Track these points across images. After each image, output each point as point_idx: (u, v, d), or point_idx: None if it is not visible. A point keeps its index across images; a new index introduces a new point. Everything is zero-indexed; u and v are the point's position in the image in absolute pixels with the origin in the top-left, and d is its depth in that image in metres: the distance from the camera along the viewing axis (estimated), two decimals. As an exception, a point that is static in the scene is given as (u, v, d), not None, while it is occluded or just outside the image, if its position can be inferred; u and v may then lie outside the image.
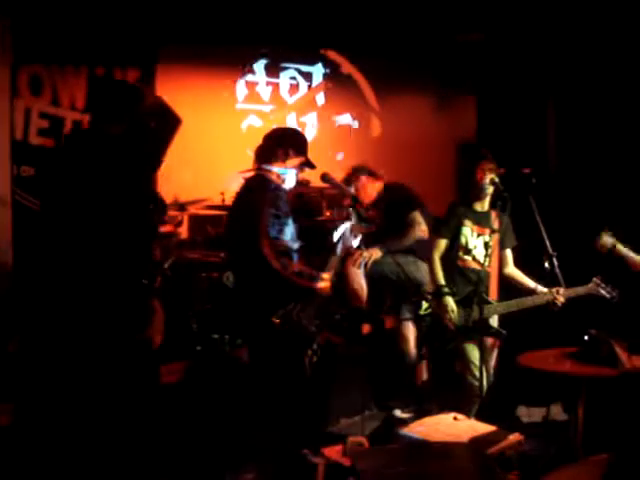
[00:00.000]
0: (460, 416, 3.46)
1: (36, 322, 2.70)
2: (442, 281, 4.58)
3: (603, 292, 4.62)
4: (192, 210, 5.76)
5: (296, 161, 4.21)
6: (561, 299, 4.50)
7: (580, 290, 4.60)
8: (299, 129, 4.51)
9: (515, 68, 7.47)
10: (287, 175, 4.20)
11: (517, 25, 6.97)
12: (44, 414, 2.58)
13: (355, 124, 7.77)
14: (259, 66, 7.36)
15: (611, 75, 6.66)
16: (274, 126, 5.46)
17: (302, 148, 4.27)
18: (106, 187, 2.69)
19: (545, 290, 4.57)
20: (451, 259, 4.65)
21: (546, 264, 4.48)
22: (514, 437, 3.22)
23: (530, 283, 4.68)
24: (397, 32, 7.14)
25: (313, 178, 5.13)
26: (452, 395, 4.53)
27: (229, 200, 6.27)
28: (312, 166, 4.27)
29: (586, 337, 4.10)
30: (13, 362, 4.17)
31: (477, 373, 4.48)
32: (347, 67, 7.74)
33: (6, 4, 5.92)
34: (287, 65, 7.50)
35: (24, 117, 6.34)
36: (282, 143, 4.25)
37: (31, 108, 6.36)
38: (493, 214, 4.70)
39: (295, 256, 4.08)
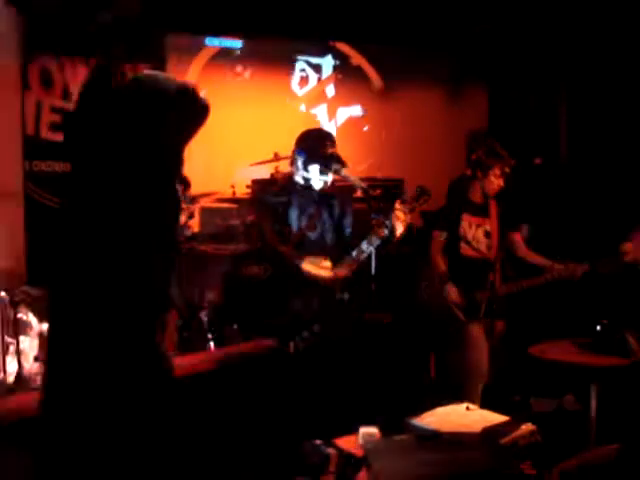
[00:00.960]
0: (472, 406, 3.45)
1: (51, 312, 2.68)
2: (444, 269, 4.60)
3: (604, 268, 4.55)
4: (203, 203, 5.77)
5: (309, 165, 4.20)
6: (579, 270, 4.46)
7: (581, 267, 4.53)
8: (321, 130, 4.44)
9: (527, 58, 7.45)
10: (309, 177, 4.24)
11: (529, 14, 6.94)
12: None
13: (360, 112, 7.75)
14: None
15: (623, 65, 6.63)
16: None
17: (311, 155, 4.23)
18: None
19: (560, 266, 4.53)
20: (452, 250, 4.66)
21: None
22: (527, 427, 3.21)
23: (545, 262, 4.65)
24: (406, 22, 7.12)
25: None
26: (459, 384, 4.53)
27: (240, 193, 6.31)
28: (328, 169, 4.22)
29: (598, 327, 4.10)
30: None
31: (481, 357, 4.50)
32: (357, 59, 7.73)
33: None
34: (297, 57, 7.50)
35: (35, 111, 6.36)
36: (295, 149, 4.29)
37: (42, 102, 6.39)
38: (492, 203, 4.70)
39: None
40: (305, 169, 4.19)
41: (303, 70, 7.55)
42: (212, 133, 7.05)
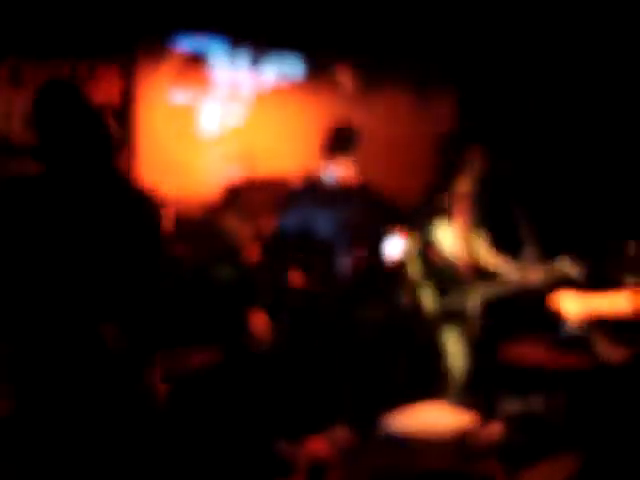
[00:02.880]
0: (442, 406, 3.49)
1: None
2: (418, 273, 4.62)
3: (569, 271, 4.60)
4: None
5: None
6: (535, 278, 4.51)
7: (548, 270, 4.58)
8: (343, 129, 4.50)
9: (497, 59, 7.50)
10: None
11: (497, 15, 7.00)
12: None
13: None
14: (242, 60, 7.36)
15: (594, 68, 6.71)
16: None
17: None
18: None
19: (517, 272, 4.58)
20: (424, 253, 4.69)
21: (527, 254, 4.53)
22: (496, 427, 3.25)
23: (503, 266, 4.69)
24: (376, 27, 7.16)
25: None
26: (432, 385, 4.56)
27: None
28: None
29: (565, 327, 4.15)
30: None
31: (456, 360, 4.54)
32: (328, 62, 7.74)
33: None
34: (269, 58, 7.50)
35: (6, 112, 6.31)
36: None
37: (12, 103, 6.34)
38: (462, 206, 4.73)
39: None
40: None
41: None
42: (188, 135, 7.14)
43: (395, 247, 4.15)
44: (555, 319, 4.11)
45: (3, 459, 2.48)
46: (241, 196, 6.05)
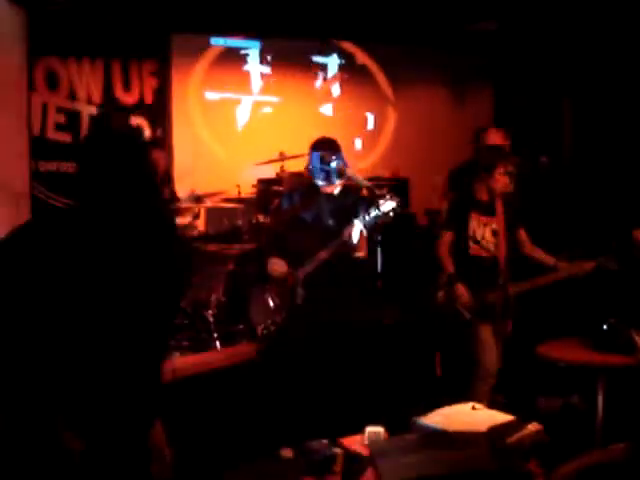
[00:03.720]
0: (478, 405, 3.44)
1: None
2: (452, 270, 4.58)
3: (610, 265, 4.54)
4: (209, 203, 5.78)
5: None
6: (588, 266, 4.45)
7: (588, 265, 4.53)
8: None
9: (532, 56, 7.44)
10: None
11: (534, 13, 6.92)
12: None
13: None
14: (274, 58, 7.38)
15: (628, 64, 6.62)
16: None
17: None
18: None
19: (566, 265, 4.53)
20: (460, 250, 4.64)
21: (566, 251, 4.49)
22: (533, 427, 3.20)
23: (551, 260, 4.64)
24: (412, 21, 7.12)
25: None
26: (466, 383, 4.52)
27: (245, 193, 6.33)
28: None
29: (604, 326, 4.09)
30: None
31: (491, 357, 4.49)
32: (362, 58, 7.73)
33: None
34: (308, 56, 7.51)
35: (41, 112, 6.39)
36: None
37: (48, 103, 6.42)
38: (498, 201, 4.68)
39: None
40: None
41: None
42: (220, 132, 7.18)
43: (387, 203, 4.17)
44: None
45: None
46: (273, 191, 6.07)
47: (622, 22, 6.50)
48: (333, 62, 7.63)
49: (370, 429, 3.13)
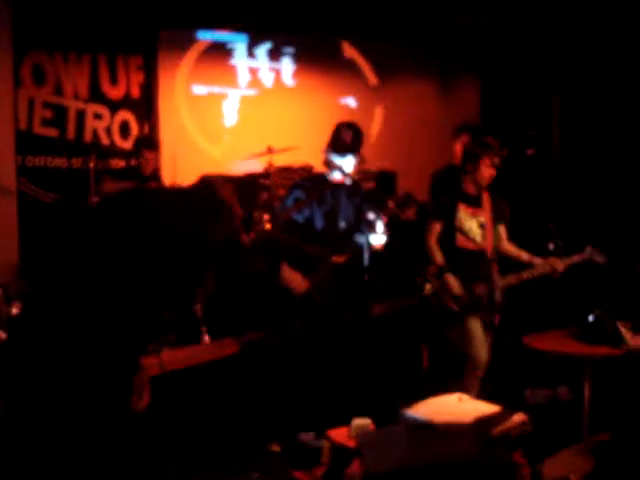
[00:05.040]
0: (464, 397, 3.46)
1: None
2: (441, 261, 4.59)
3: (597, 258, 4.58)
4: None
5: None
6: (559, 266, 4.48)
7: (575, 258, 4.57)
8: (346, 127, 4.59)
9: (518, 49, 7.45)
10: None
11: (521, 5, 6.94)
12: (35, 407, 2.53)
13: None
14: (261, 52, 7.37)
15: (616, 57, 6.63)
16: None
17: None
18: None
19: (540, 261, 4.56)
20: (447, 241, 4.65)
21: (550, 245, 4.50)
22: (519, 417, 3.22)
23: (526, 256, 4.67)
24: (398, 14, 7.12)
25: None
26: (454, 375, 4.54)
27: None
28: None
29: (590, 317, 4.11)
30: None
31: (480, 349, 4.50)
32: (349, 51, 7.72)
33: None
34: (289, 50, 7.49)
35: (28, 107, 6.36)
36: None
37: (34, 98, 6.39)
38: (484, 194, 4.69)
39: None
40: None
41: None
42: (208, 126, 7.16)
43: (379, 236, 4.21)
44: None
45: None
46: (262, 186, 6.07)
47: (611, 15, 6.51)
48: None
49: (357, 421, 3.14)
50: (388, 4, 6.90)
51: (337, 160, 4.42)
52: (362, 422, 3.15)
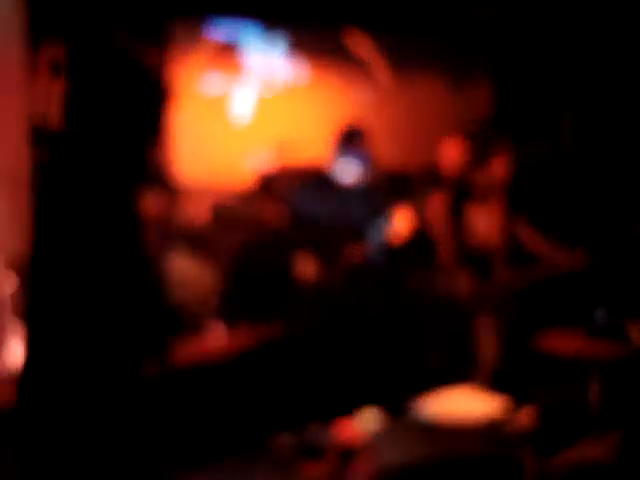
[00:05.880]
0: (473, 391, 3.48)
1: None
2: (452, 258, 4.61)
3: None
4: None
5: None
6: (578, 257, 4.50)
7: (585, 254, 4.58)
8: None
9: (532, 47, 7.43)
10: None
11: (534, 4, 6.93)
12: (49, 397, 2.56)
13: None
14: (275, 49, 7.37)
15: (630, 58, 6.63)
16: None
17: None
18: None
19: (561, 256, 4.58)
20: (458, 238, 4.67)
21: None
22: (527, 414, 3.24)
23: (545, 251, 4.67)
24: (410, 9, 7.12)
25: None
26: (464, 370, 4.55)
27: (244, 183, 6.34)
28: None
29: (599, 316, 4.12)
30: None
31: (489, 345, 4.53)
32: (362, 49, 7.72)
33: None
34: (302, 47, 7.49)
35: (45, 100, 6.38)
36: None
37: (51, 91, 6.41)
38: (497, 192, 4.71)
39: None
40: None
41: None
42: (219, 122, 7.18)
43: (399, 225, 4.22)
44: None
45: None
46: (274, 184, 6.08)
47: (625, 15, 6.51)
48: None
49: (365, 414, 3.17)
50: (401, 2, 6.91)
51: (342, 161, 4.45)
52: (370, 415, 3.18)
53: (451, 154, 5.17)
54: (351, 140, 4.43)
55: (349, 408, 3.25)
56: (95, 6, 6.25)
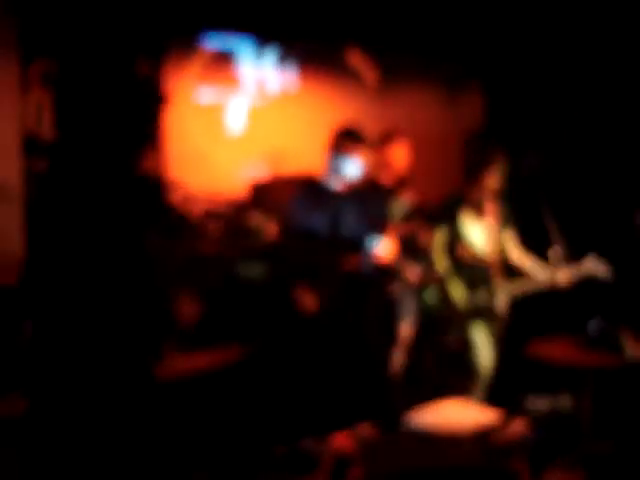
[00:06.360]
0: (466, 402, 3.48)
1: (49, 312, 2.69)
2: (446, 267, 4.61)
3: (596, 270, 4.60)
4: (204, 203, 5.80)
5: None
6: (565, 276, 4.51)
7: (576, 269, 4.58)
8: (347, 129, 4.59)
9: (524, 58, 7.46)
10: None
11: (527, 15, 6.96)
12: (58, 405, 2.58)
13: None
14: (268, 59, 7.39)
15: (625, 67, 6.65)
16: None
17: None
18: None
19: (546, 271, 4.59)
20: (452, 248, 4.68)
21: (552, 253, 4.52)
22: (520, 424, 3.23)
23: (531, 265, 4.70)
24: (402, 22, 7.15)
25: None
26: (458, 381, 4.55)
27: (238, 194, 6.34)
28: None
29: (593, 325, 4.12)
30: (24, 352, 4.24)
31: (484, 356, 4.52)
32: (354, 59, 7.73)
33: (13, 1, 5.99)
34: (295, 57, 7.51)
35: (36, 112, 6.39)
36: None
37: (42, 102, 6.42)
38: (490, 201, 4.72)
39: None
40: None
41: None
42: (214, 132, 7.19)
43: (383, 248, 4.19)
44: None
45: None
46: (267, 194, 6.09)
47: (617, 24, 6.53)
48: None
49: (359, 427, 3.16)
50: (396, 12, 6.93)
51: (338, 166, 4.41)
52: (364, 428, 3.17)
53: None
54: (348, 139, 4.38)
55: (343, 421, 3.24)
56: (86, 22, 6.29)
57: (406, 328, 5.29)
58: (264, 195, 6.15)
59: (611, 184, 6.53)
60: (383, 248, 4.23)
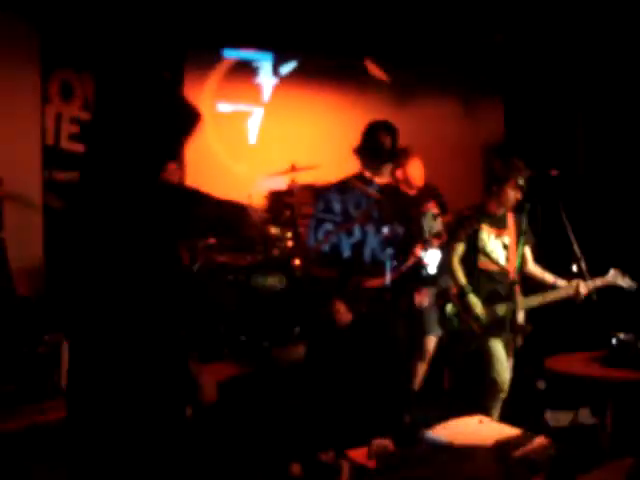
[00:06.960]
0: (485, 419, 3.45)
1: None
2: (464, 281, 4.58)
3: (621, 282, 4.58)
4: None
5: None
6: (583, 290, 4.47)
7: (599, 281, 4.56)
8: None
9: (542, 69, 7.44)
10: None
11: (545, 26, 6.94)
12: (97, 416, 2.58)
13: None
14: (286, 70, 7.42)
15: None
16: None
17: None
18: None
19: (565, 283, 4.56)
20: (470, 262, 4.65)
21: (574, 267, 4.48)
22: (540, 440, 3.20)
23: (550, 278, 4.67)
24: (422, 35, 7.14)
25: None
26: (476, 396, 4.52)
27: (256, 204, 6.35)
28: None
29: (614, 340, 4.08)
30: (42, 363, 4.27)
31: (502, 370, 4.49)
32: (372, 70, 7.74)
33: (34, 12, 6.05)
34: (313, 69, 7.53)
35: (55, 122, 6.44)
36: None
37: (62, 113, 6.47)
38: (509, 215, 4.70)
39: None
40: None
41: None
42: (232, 143, 7.21)
43: (433, 257, 4.13)
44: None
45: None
46: (286, 203, 6.09)
47: (634, 34, 6.50)
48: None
49: (377, 442, 3.14)
50: (414, 26, 6.93)
51: (372, 168, 4.23)
52: (382, 442, 3.15)
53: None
54: (377, 133, 4.18)
55: (361, 435, 3.23)
56: (108, 35, 6.34)
57: (431, 342, 5.28)
58: (282, 204, 6.15)
59: (633, 197, 6.49)
60: (432, 258, 4.16)
